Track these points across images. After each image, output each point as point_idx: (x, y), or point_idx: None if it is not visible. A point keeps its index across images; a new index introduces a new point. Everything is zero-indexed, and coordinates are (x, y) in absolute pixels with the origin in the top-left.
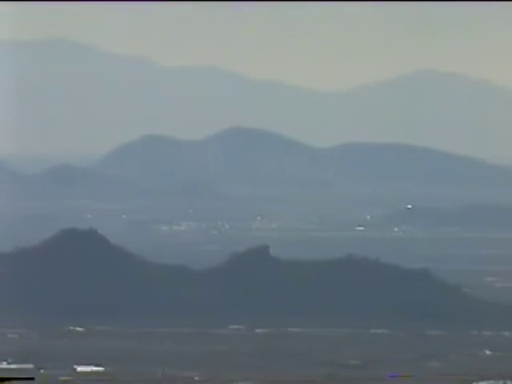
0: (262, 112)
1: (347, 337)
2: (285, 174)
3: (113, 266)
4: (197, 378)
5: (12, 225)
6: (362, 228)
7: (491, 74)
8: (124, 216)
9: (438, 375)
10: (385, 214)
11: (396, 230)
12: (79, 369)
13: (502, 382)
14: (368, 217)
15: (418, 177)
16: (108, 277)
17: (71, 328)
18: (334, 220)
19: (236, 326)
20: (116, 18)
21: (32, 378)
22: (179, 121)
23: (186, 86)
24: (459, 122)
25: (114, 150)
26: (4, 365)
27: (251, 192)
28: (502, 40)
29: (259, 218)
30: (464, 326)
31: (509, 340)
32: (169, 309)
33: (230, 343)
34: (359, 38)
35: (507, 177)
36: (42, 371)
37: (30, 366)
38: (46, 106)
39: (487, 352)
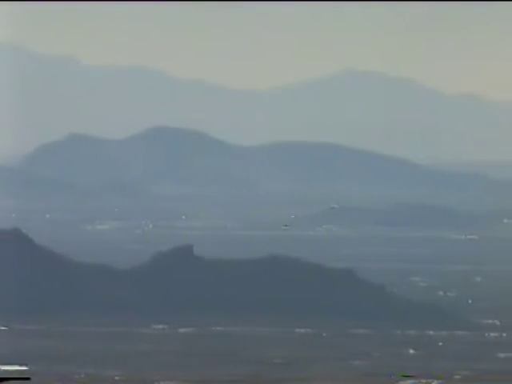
0: (188, 111)
1: (271, 336)
2: (211, 173)
3: (37, 265)
4: (117, 378)
5: None
6: (286, 227)
7: (416, 73)
8: (48, 215)
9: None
10: (310, 213)
11: (320, 229)
12: (3, 368)
13: (424, 381)
14: (293, 216)
15: (345, 176)
16: (32, 276)
17: None
18: (259, 219)
19: (160, 326)
20: (43, 17)
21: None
22: (104, 120)
23: (110, 84)
24: (385, 121)
25: (38, 149)
26: None
27: (176, 191)
28: (425, 40)
29: (184, 217)
30: (388, 325)
31: (433, 339)
32: (92, 308)
33: (154, 343)
34: (284, 36)
35: (432, 176)
36: None
37: None
38: None
39: (411, 351)
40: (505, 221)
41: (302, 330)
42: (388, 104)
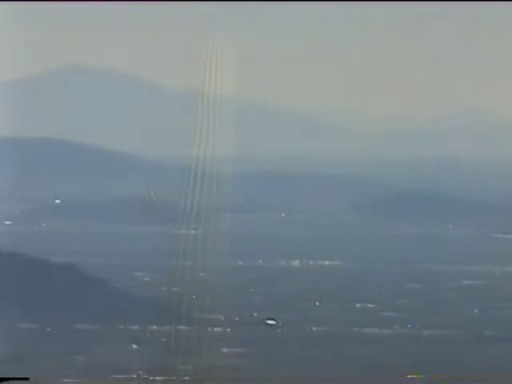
0: None
1: None
2: None
3: None
4: None
5: None
6: (9, 222)
7: (143, 70)
8: None
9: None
10: (34, 208)
11: (44, 224)
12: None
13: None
14: (17, 211)
15: (68, 171)
16: None
17: None
18: None
19: None
20: None
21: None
22: None
23: None
24: (109, 116)
25: None
26: None
27: None
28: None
29: None
30: (111, 321)
31: (156, 334)
32: None
33: None
34: (16, 32)
35: (156, 171)
36: None
37: None
38: None
39: (134, 346)
40: (229, 215)
41: (27, 325)
42: (111, 100)
